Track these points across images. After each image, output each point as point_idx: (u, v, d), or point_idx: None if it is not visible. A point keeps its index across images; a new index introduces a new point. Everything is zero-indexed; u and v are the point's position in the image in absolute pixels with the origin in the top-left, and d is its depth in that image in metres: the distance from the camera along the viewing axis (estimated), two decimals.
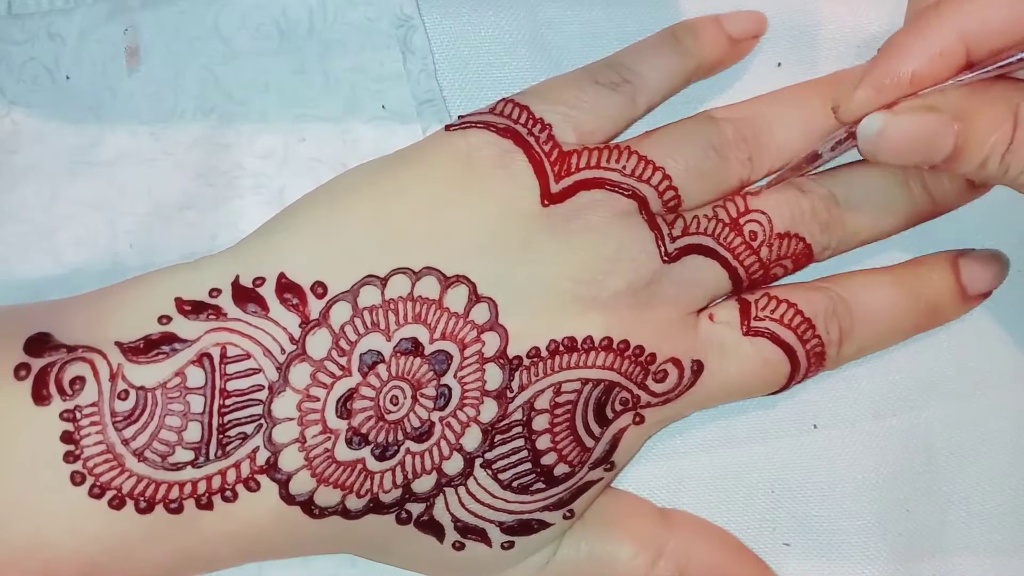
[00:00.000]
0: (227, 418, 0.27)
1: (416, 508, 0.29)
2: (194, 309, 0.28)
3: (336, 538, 0.29)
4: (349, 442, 0.28)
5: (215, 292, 0.28)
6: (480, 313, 0.29)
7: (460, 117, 0.32)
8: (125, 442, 0.27)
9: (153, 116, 0.34)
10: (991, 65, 0.28)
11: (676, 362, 0.31)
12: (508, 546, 0.30)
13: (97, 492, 0.27)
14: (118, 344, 0.27)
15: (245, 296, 0.28)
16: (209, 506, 0.27)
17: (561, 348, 0.29)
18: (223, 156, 0.34)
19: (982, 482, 0.35)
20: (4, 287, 0.33)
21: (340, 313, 0.28)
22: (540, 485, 0.30)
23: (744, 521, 0.35)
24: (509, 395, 0.29)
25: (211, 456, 0.27)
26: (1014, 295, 0.35)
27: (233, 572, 0.31)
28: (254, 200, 0.33)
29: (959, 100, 0.28)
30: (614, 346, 0.30)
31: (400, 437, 0.28)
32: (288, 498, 0.28)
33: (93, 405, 0.27)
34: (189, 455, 0.27)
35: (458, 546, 0.30)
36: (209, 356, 0.27)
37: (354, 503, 0.29)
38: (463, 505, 0.30)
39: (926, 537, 0.35)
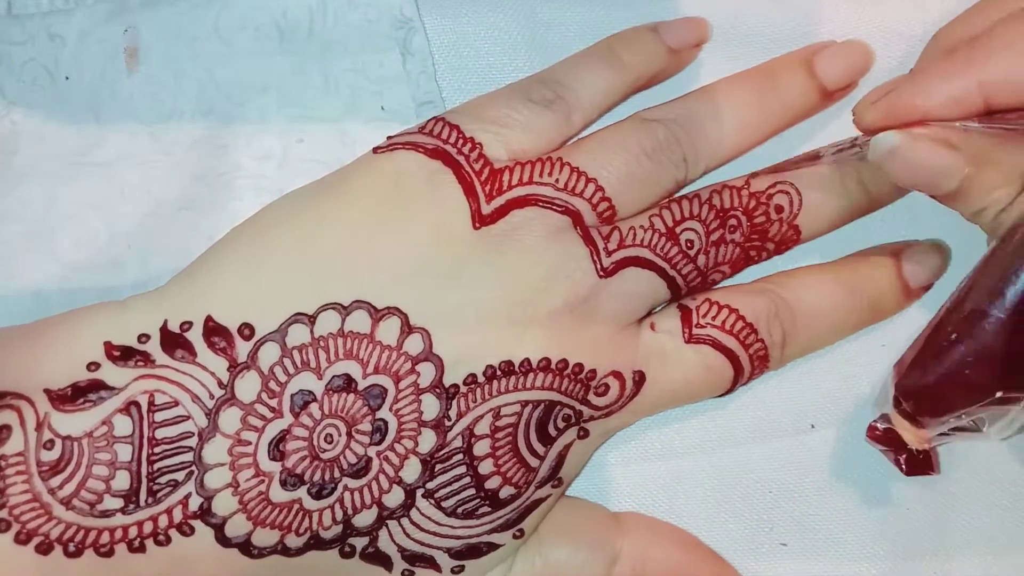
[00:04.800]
0: (156, 466, 0.27)
1: (359, 542, 0.29)
2: (123, 355, 0.28)
3: (278, 575, 0.29)
4: (284, 483, 0.28)
5: (144, 338, 0.28)
6: (414, 344, 0.29)
7: (389, 138, 0.31)
8: (52, 491, 0.27)
9: (152, 117, 0.34)
10: (1008, 123, 0.28)
11: (617, 375, 0.31)
12: (458, 570, 0.30)
13: (23, 538, 0.26)
14: (46, 391, 0.27)
15: (173, 342, 0.28)
16: (141, 549, 0.27)
17: (498, 373, 0.29)
18: (221, 157, 0.34)
19: (981, 481, 0.35)
20: (4, 287, 0.34)
21: (269, 354, 0.28)
22: (486, 509, 0.30)
23: (741, 521, 0.35)
24: (447, 424, 0.29)
25: (141, 503, 0.27)
26: None
27: None
28: (252, 202, 0.33)
29: (978, 146, 0.29)
30: (552, 366, 0.30)
31: (336, 475, 0.28)
32: (224, 541, 0.28)
33: (19, 455, 0.27)
34: (118, 503, 0.27)
35: (407, 574, 0.30)
36: (137, 404, 0.27)
37: (294, 541, 0.28)
38: (408, 535, 0.29)
39: (926, 537, 0.35)
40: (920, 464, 0.33)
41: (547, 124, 0.31)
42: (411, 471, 0.29)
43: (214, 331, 0.28)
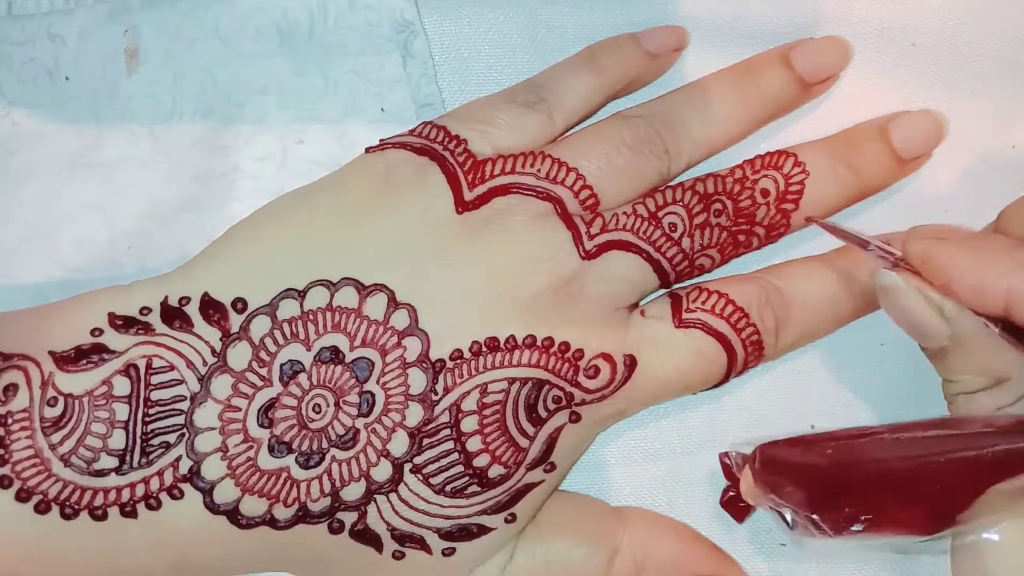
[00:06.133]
0: (150, 427, 0.28)
1: (348, 517, 0.29)
2: (125, 324, 0.29)
3: (268, 551, 0.29)
4: (272, 450, 0.29)
5: (145, 310, 0.29)
6: (400, 319, 0.30)
7: (381, 140, 0.33)
8: (52, 447, 0.28)
9: (152, 118, 0.35)
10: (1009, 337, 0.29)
11: (607, 357, 0.31)
12: (449, 552, 0.30)
13: (24, 496, 0.27)
14: (51, 353, 0.29)
15: (172, 314, 0.29)
16: (133, 514, 0.28)
17: (484, 348, 0.30)
18: (221, 158, 0.35)
19: None
20: (4, 288, 0.34)
21: (260, 326, 0.29)
22: (475, 488, 0.30)
23: None
24: (434, 398, 0.29)
25: (134, 464, 0.28)
26: None
27: None
28: (252, 203, 0.33)
29: (968, 330, 0.29)
30: (538, 343, 0.30)
31: (324, 445, 0.29)
32: (213, 507, 0.28)
33: (24, 411, 0.28)
34: (113, 462, 0.28)
35: (398, 555, 0.30)
36: (135, 367, 0.29)
37: (282, 512, 0.29)
38: (397, 512, 0.30)
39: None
40: (736, 508, 0.33)
41: (530, 123, 0.32)
42: (398, 444, 0.29)
43: (209, 304, 0.29)
